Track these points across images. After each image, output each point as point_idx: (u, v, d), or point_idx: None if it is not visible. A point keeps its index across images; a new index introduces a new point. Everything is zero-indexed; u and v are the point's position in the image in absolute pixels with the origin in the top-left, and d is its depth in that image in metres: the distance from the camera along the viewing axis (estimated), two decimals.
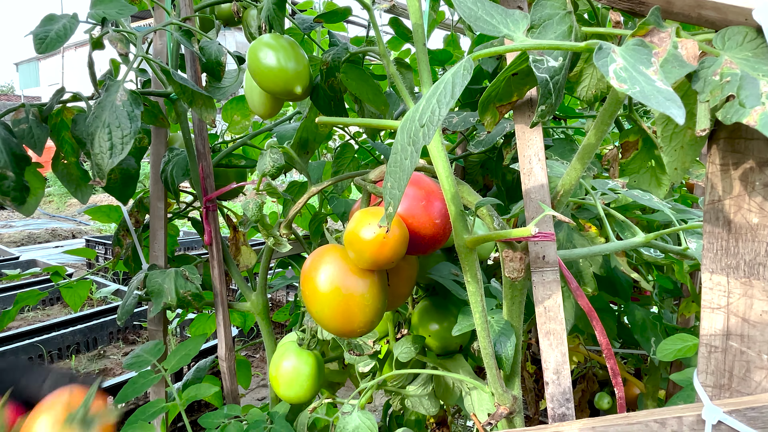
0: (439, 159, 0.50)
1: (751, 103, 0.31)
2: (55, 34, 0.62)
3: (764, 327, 0.38)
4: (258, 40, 0.63)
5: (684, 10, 0.37)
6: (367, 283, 0.55)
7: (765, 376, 0.38)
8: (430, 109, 0.33)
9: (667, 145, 0.44)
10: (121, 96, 0.67)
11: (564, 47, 0.34)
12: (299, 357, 0.78)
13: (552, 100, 0.41)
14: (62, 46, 0.63)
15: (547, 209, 0.46)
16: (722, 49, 0.35)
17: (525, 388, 1.42)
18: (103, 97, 0.66)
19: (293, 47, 0.63)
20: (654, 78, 0.29)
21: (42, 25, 0.64)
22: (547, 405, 0.54)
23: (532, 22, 0.41)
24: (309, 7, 1.24)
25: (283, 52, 0.62)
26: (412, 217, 0.55)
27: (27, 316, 3.50)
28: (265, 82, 0.62)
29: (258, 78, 0.63)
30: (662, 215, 0.77)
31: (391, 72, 0.56)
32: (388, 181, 0.40)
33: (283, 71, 0.62)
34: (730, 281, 0.39)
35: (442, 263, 0.76)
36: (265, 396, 2.42)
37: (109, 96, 0.66)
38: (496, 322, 0.59)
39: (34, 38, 0.62)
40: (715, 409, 0.38)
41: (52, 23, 0.64)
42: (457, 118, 0.95)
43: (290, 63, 0.62)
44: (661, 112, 0.26)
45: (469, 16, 0.37)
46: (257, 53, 0.62)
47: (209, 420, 0.79)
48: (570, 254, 0.67)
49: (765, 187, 0.37)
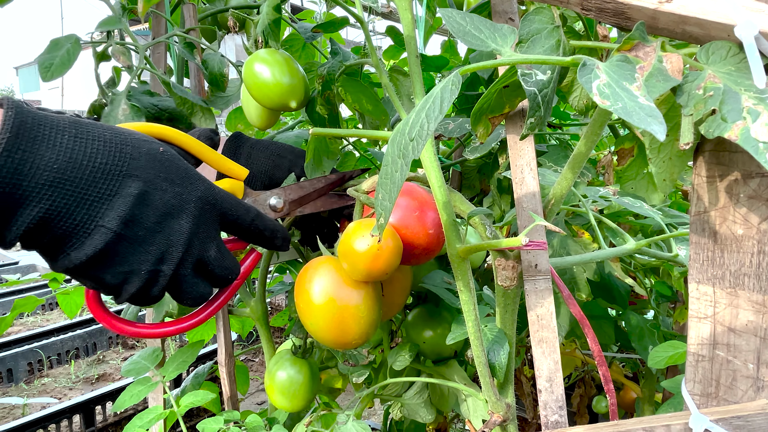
0: (431, 169, 0.50)
1: (732, 118, 0.31)
2: (59, 60, 0.64)
3: (750, 336, 0.39)
4: (253, 56, 0.64)
5: (669, 25, 0.38)
6: (362, 295, 0.56)
7: (751, 385, 0.39)
8: (419, 124, 0.34)
9: (655, 156, 0.45)
10: (124, 110, 0.68)
11: (551, 62, 0.35)
12: (293, 366, 0.79)
13: (541, 113, 0.42)
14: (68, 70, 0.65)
15: (538, 219, 0.47)
16: (706, 63, 0.36)
17: (523, 393, 1.42)
18: (108, 111, 0.69)
19: (288, 62, 0.64)
20: (637, 94, 0.30)
21: (47, 52, 0.66)
22: (540, 412, 0.55)
23: (520, 37, 0.42)
24: (310, 17, 1.25)
25: (278, 67, 0.63)
26: (406, 228, 0.55)
27: (26, 321, 3.50)
28: (261, 97, 0.63)
29: (253, 92, 0.64)
30: (654, 221, 0.78)
31: (384, 83, 0.56)
32: (379, 193, 0.41)
33: (278, 86, 0.62)
34: (716, 291, 0.40)
35: (435, 272, 0.76)
36: (264, 400, 2.42)
37: (113, 110, 0.68)
38: (489, 330, 0.60)
39: (40, 66, 0.65)
40: (702, 418, 0.38)
41: (57, 49, 0.65)
42: (453, 124, 0.96)
43: (285, 78, 0.63)
44: (642, 128, 0.27)
45: (457, 31, 0.38)
46: (253, 68, 0.63)
47: (208, 426, 0.79)
48: (563, 262, 0.68)
49: (750, 199, 0.38)
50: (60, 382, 2.70)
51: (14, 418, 2.19)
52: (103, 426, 1.93)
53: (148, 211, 0.44)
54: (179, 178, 0.47)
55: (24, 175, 0.39)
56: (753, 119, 0.30)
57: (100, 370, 2.80)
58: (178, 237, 0.47)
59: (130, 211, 0.43)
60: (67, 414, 1.81)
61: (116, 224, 0.43)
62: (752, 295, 0.38)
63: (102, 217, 0.42)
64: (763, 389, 0.39)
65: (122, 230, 0.43)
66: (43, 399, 2.46)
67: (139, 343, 3.08)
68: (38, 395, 2.55)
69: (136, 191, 0.44)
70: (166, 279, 0.47)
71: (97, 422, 1.91)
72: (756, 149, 0.29)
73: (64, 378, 2.73)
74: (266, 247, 0.58)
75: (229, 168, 0.58)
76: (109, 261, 0.44)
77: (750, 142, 0.30)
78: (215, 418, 0.79)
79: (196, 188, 0.48)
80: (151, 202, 0.45)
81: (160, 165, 0.46)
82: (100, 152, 0.42)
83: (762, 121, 0.30)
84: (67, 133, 0.41)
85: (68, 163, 0.41)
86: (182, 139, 0.54)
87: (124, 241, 0.44)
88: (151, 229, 0.45)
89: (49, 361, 2.77)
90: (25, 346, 2.72)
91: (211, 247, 0.50)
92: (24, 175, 0.39)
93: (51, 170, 0.40)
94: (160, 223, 0.45)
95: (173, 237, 0.46)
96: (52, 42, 0.68)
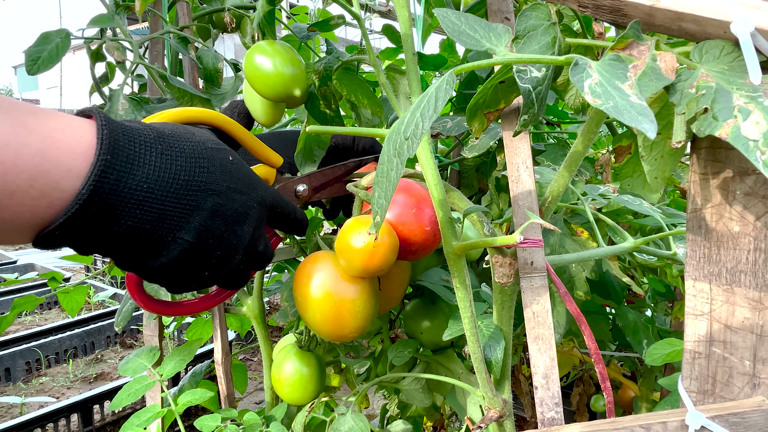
0: (427, 167, 0.50)
1: (723, 116, 0.31)
2: (47, 54, 0.63)
3: (746, 333, 0.39)
4: (253, 47, 0.63)
5: (665, 22, 0.38)
6: (358, 289, 0.57)
7: (747, 382, 0.39)
8: (414, 123, 0.34)
9: (647, 154, 0.45)
10: (123, 105, 0.68)
11: (544, 61, 0.35)
12: (301, 359, 0.80)
13: (535, 110, 0.42)
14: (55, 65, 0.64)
15: (533, 217, 0.47)
16: (699, 62, 0.36)
17: (521, 391, 1.42)
18: (108, 107, 0.68)
19: (288, 51, 0.63)
20: (629, 93, 0.30)
21: (36, 45, 0.65)
22: (537, 409, 0.55)
23: (517, 33, 0.42)
24: (304, 12, 1.25)
25: (279, 56, 0.62)
26: (403, 225, 0.55)
27: (25, 320, 3.50)
28: (263, 88, 0.63)
29: (256, 84, 0.63)
30: (653, 219, 0.78)
31: (381, 81, 0.56)
32: (375, 191, 0.41)
33: (280, 75, 0.62)
34: (713, 288, 0.40)
35: (433, 269, 0.77)
36: (263, 399, 2.42)
37: (112, 106, 0.68)
38: (485, 326, 0.60)
39: (27, 58, 0.63)
40: (699, 415, 0.38)
41: (47, 43, 0.65)
42: (451, 123, 0.96)
43: (287, 67, 0.62)
44: (632, 126, 0.27)
45: (452, 30, 0.38)
46: (253, 60, 0.62)
47: (205, 423, 0.79)
48: (560, 259, 0.68)
49: (745, 196, 0.38)
50: (58, 381, 2.69)
51: (12, 417, 2.18)
52: (101, 425, 1.93)
53: (220, 222, 0.47)
54: (245, 186, 0.49)
55: (116, 195, 0.39)
56: (744, 117, 0.30)
57: (98, 369, 2.79)
58: (242, 241, 0.49)
59: (205, 223, 0.45)
60: (65, 413, 1.80)
61: (192, 236, 0.44)
62: (748, 292, 0.38)
63: (180, 230, 0.44)
64: (759, 386, 0.39)
65: (196, 240, 0.45)
66: (41, 398, 2.45)
67: (137, 343, 3.07)
68: (36, 394, 2.55)
69: (212, 204, 0.45)
70: (225, 277, 0.50)
71: (95, 421, 1.90)
72: (746, 147, 0.29)
73: (62, 377, 2.73)
74: (292, 233, 0.60)
75: (267, 156, 0.61)
76: (179, 267, 0.46)
77: (740, 140, 0.30)
78: (212, 416, 0.79)
79: (257, 194, 0.51)
80: (223, 213, 0.47)
81: (230, 176, 0.48)
82: (183, 169, 0.44)
83: (752, 120, 0.30)
84: (155, 149, 0.42)
85: (156, 182, 0.41)
86: (226, 125, 0.56)
87: (196, 250, 0.45)
88: (220, 237, 0.47)
89: (47, 360, 2.77)
90: (22, 345, 2.71)
91: (261, 242, 0.53)
92: (116, 196, 0.39)
93: (141, 190, 0.40)
94: (227, 231, 0.47)
95: (236, 241, 0.48)
96: (42, 35, 0.66)
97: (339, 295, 0.56)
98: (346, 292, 0.56)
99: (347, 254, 0.52)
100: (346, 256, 0.52)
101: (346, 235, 0.52)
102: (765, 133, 0.30)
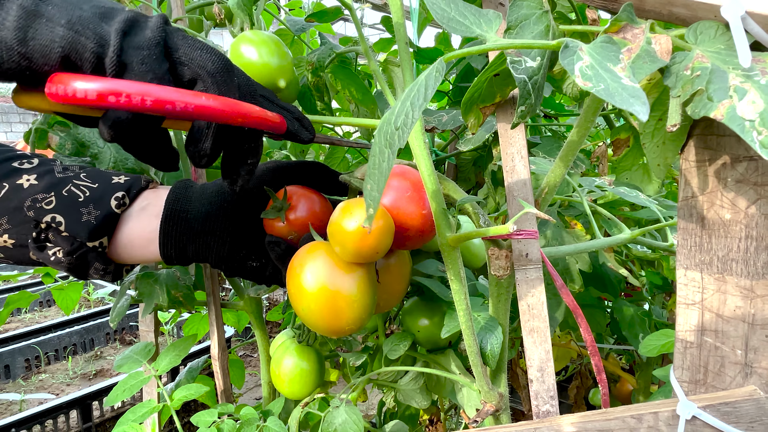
0: (420, 157, 0.50)
1: (718, 97, 0.31)
2: None
3: (738, 323, 0.39)
4: (239, 37, 0.63)
5: (655, 7, 0.37)
6: (355, 279, 0.54)
7: (739, 372, 0.39)
8: (404, 112, 0.34)
9: (649, 141, 0.45)
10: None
11: (536, 46, 0.35)
12: (300, 353, 0.80)
13: (531, 101, 0.41)
14: None
15: (527, 207, 0.46)
16: (695, 43, 0.35)
17: (519, 385, 1.42)
18: None
19: (275, 42, 0.63)
20: (621, 75, 0.29)
21: None
22: (532, 402, 0.54)
23: (509, 23, 0.42)
24: (298, 6, 1.24)
25: (265, 47, 0.61)
26: (398, 209, 0.54)
27: (24, 317, 3.50)
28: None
29: None
30: (649, 211, 0.78)
31: (373, 69, 0.56)
32: (368, 183, 0.40)
33: (266, 66, 0.61)
34: (704, 277, 0.40)
35: (429, 260, 0.76)
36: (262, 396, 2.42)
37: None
38: (481, 318, 0.59)
39: None
40: (690, 405, 0.38)
41: None
42: (447, 117, 0.96)
43: (273, 58, 0.61)
44: (624, 108, 0.26)
45: (441, 17, 0.37)
46: (239, 49, 0.61)
47: (201, 418, 0.79)
48: (556, 252, 0.68)
49: (737, 184, 0.38)
50: (57, 378, 2.70)
51: (11, 414, 2.19)
52: (100, 421, 1.93)
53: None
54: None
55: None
56: (739, 97, 0.29)
57: (97, 366, 2.80)
58: None
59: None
60: (64, 409, 1.80)
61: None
62: (740, 280, 0.38)
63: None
64: (751, 375, 0.39)
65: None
66: (40, 395, 2.46)
67: (137, 339, 3.07)
68: (35, 391, 2.55)
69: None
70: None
71: (95, 418, 1.90)
72: (742, 128, 0.29)
73: (61, 374, 2.73)
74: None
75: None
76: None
77: (736, 120, 0.29)
78: (209, 411, 0.79)
79: None
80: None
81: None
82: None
83: (748, 99, 0.29)
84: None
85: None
86: None
87: None
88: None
89: (46, 358, 2.77)
90: (22, 342, 2.71)
91: None
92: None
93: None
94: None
95: None
96: None
97: (334, 285, 0.54)
98: (342, 282, 0.53)
99: (340, 237, 0.50)
100: (338, 239, 0.51)
101: (339, 217, 0.51)
102: (761, 113, 0.28)
